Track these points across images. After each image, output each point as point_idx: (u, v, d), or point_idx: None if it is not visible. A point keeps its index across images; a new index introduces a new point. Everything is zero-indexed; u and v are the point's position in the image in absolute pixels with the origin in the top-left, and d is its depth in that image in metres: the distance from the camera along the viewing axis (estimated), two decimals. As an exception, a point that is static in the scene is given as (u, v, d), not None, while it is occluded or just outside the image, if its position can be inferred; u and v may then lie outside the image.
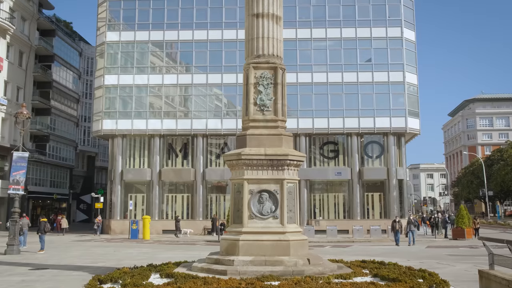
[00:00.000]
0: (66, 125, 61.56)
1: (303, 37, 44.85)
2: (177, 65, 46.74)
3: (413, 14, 46.09)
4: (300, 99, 44.10)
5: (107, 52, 45.55)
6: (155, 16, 45.76)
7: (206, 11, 45.83)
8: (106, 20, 46.04)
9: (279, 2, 16.08)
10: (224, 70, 45.04)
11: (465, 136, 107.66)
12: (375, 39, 44.67)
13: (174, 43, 46.27)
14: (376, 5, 45.05)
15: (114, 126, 44.49)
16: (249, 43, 15.76)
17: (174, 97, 45.85)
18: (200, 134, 44.64)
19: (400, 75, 44.15)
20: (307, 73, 44.48)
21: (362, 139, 44.77)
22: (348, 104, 44.11)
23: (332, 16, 45.18)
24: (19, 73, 49.42)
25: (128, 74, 45.36)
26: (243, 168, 14.11)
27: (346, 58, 44.75)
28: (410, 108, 44.22)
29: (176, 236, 39.57)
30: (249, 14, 15.90)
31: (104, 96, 45.07)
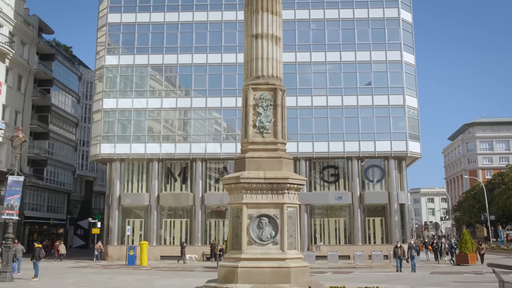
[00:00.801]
0: (64, 149, 61.17)
1: (303, 61, 44.81)
2: (176, 89, 46.59)
3: (412, 38, 46.17)
4: (300, 123, 43.80)
5: (106, 76, 45.44)
6: (154, 40, 45.78)
7: (205, 35, 45.88)
8: (106, 44, 46.05)
9: (278, 23, 15.82)
10: (224, 93, 44.85)
11: (466, 160, 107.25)
12: (375, 62, 44.62)
13: (173, 67, 46.21)
14: (375, 29, 45.13)
15: (112, 150, 44.09)
16: (248, 64, 15.44)
17: (173, 121, 45.57)
18: (199, 158, 44.22)
19: (400, 98, 43.97)
20: (306, 97, 44.29)
21: (362, 163, 44.34)
22: (348, 127, 43.81)
23: (331, 40, 45.21)
24: (17, 97, 49.24)
25: (127, 98, 45.17)
26: (242, 192, 13.63)
27: (346, 82, 44.62)
28: (410, 131, 43.91)
29: (184, 262, 38.63)
30: (248, 35, 15.62)
31: (103, 120, 44.79)
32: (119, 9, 46.26)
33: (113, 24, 46.00)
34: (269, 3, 15.63)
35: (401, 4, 45.52)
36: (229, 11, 45.89)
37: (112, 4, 46.33)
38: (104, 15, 46.45)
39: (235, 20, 45.26)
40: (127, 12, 46.07)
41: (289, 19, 43.20)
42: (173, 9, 46.15)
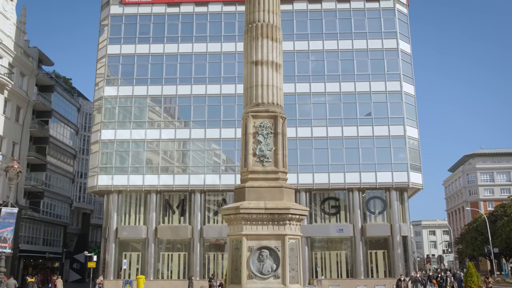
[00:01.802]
0: (62, 181, 60.49)
1: (302, 92, 44.69)
2: (175, 120, 46.31)
3: (412, 68, 46.21)
4: (300, 154, 43.37)
5: (104, 107, 45.21)
6: (154, 71, 45.76)
7: (204, 66, 45.88)
8: (105, 75, 46.00)
9: (278, 50, 15.56)
10: (223, 124, 44.55)
11: (467, 192, 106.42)
12: (375, 93, 44.50)
13: (172, 98, 46.04)
14: (374, 60, 45.18)
15: (109, 181, 43.50)
16: (248, 91, 15.12)
17: (171, 152, 45.13)
18: (198, 190, 43.61)
19: (401, 129, 43.67)
20: (306, 128, 44.00)
21: (363, 194, 43.73)
22: (349, 158, 43.36)
23: (331, 71, 45.21)
24: (15, 128, 48.90)
25: (125, 129, 44.84)
26: (242, 223, 13.10)
27: (345, 112, 44.40)
28: (412, 162, 43.45)
29: None
30: (247, 62, 15.34)
31: (101, 151, 44.34)
32: (118, 40, 46.39)
33: (112, 55, 46.05)
34: (269, 29, 15.43)
35: (399, 36, 45.70)
36: (228, 42, 46.03)
37: (112, 36, 46.49)
38: (103, 47, 46.56)
39: (234, 51, 45.34)
40: (127, 43, 46.19)
41: (288, 50, 43.27)
42: (173, 40, 46.28)
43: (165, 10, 47.05)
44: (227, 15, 46.83)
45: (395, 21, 45.95)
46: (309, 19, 46.38)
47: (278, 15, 15.92)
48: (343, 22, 46.22)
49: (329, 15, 46.39)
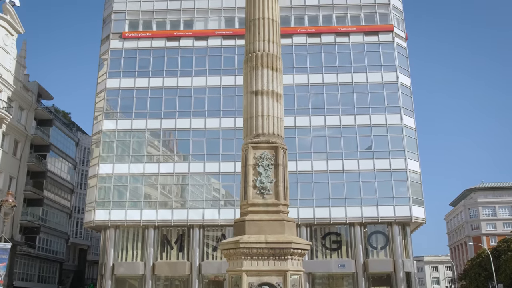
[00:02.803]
0: (59, 216, 59.62)
1: (302, 125, 44.45)
2: (174, 154, 45.90)
3: (412, 101, 46.10)
4: (300, 188, 42.79)
5: (103, 141, 44.87)
6: (153, 104, 45.63)
7: (204, 99, 45.79)
8: (103, 109, 45.83)
9: (279, 79, 15.31)
10: (222, 158, 44.14)
11: (469, 227, 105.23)
12: (375, 126, 44.25)
13: (171, 132, 45.78)
14: (374, 93, 45.12)
15: (107, 216, 42.76)
16: (248, 121, 14.79)
17: (170, 186, 44.56)
18: (197, 225, 42.86)
19: (402, 162, 43.25)
20: (306, 161, 43.57)
21: (365, 229, 42.95)
22: (350, 192, 42.77)
23: (330, 104, 45.10)
24: (12, 162, 48.45)
25: (123, 163, 44.40)
26: (242, 258, 12.54)
27: (346, 146, 44.05)
28: (414, 196, 42.85)
29: None
30: (247, 92, 15.07)
31: (98, 185, 43.77)
32: (118, 74, 46.44)
33: (111, 89, 46.02)
34: (269, 59, 15.23)
35: (399, 69, 45.79)
36: (227, 76, 46.07)
37: (112, 70, 46.58)
38: (103, 80, 46.57)
39: (234, 85, 45.33)
40: (126, 77, 46.24)
41: (288, 84, 43.14)
42: (172, 74, 46.34)
43: (164, 44, 47.27)
44: (226, 49, 47.03)
45: (394, 55, 46.11)
46: (308, 52, 46.56)
47: (278, 45, 15.75)
48: (342, 55, 46.39)
49: (329, 49, 46.58)
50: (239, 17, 47.16)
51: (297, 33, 46.87)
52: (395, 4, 48.34)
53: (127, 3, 48.57)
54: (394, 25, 47.18)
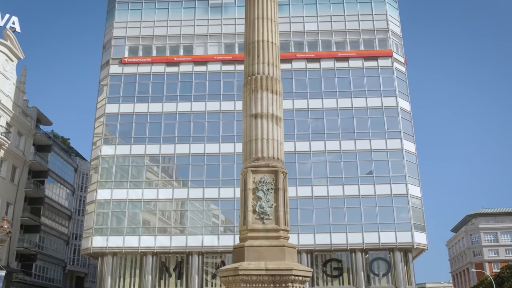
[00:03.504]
0: (56, 243, 58.85)
1: (302, 150, 44.18)
2: (173, 179, 45.51)
3: (412, 126, 45.94)
4: (301, 214, 42.30)
5: (101, 166, 44.52)
6: (152, 130, 45.46)
7: (203, 124, 45.62)
8: (102, 134, 45.63)
9: (279, 102, 15.10)
10: (221, 184, 43.76)
11: (471, 253, 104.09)
12: (375, 151, 44.01)
13: (170, 157, 45.48)
14: (374, 118, 45.01)
15: (104, 243, 42.13)
16: (247, 145, 14.52)
17: (169, 212, 44.07)
18: (196, 251, 42.22)
19: (403, 187, 42.86)
20: (307, 187, 43.18)
21: (367, 255, 42.29)
22: (351, 218, 42.26)
23: (330, 129, 44.94)
24: (10, 188, 48.02)
25: (122, 189, 43.98)
26: (241, 285, 12.14)
27: (346, 171, 43.72)
28: (415, 221, 42.32)
29: None
30: (247, 115, 14.84)
31: (96, 211, 43.27)
32: (117, 99, 46.39)
33: (110, 114, 45.90)
34: (268, 82, 15.05)
35: (398, 93, 45.78)
36: (227, 101, 46.03)
37: (111, 95, 46.54)
38: (102, 106, 46.50)
39: (233, 110, 45.24)
40: (126, 102, 46.19)
41: (288, 109, 43.08)
42: (172, 99, 46.30)
43: (164, 70, 47.36)
44: (226, 74, 47.10)
45: (393, 80, 46.16)
46: (308, 77, 46.61)
47: (278, 68, 15.59)
48: (342, 80, 46.45)
49: (328, 74, 46.65)
50: (238, 43, 47.36)
51: (296, 58, 47.01)
52: (393, 30, 48.63)
53: (127, 29, 48.84)
54: (393, 50, 47.37)
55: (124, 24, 49.01)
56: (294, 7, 48.95)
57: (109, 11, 50.91)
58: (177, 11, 49.54)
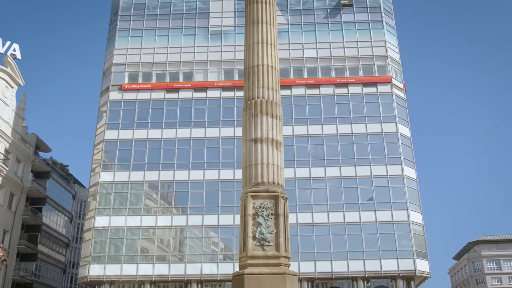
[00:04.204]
0: (53, 271, 57.96)
1: (302, 176, 43.87)
2: (172, 206, 45.09)
3: (412, 152, 45.74)
4: (301, 241, 41.73)
5: (99, 193, 44.17)
6: (151, 156, 45.26)
7: (203, 151, 45.44)
8: (101, 160, 45.39)
9: (279, 127, 14.93)
10: (221, 211, 43.35)
11: (474, 281, 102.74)
12: (376, 177, 43.73)
13: (169, 184, 45.16)
14: (374, 144, 44.87)
15: (102, 271, 41.46)
16: (247, 170, 14.30)
17: (167, 240, 43.53)
18: (195, 280, 41.54)
19: (404, 213, 42.44)
20: (307, 213, 42.77)
21: (368, 284, 41.61)
22: (352, 245, 41.70)
23: (330, 155, 44.74)
24: (7, 215, 47.52)
25: (120, 216, 43.54)
26: (240, 314, 11.71)
27: (347, 197, 43.36)
28: (417, 249, 41.75)
29: None
30: (246, 139, 14.65)
31: (94, 239, 42.71)
32: (116, 126, 46.32)
33: (110, 140, 45.76)
34: (268, 106, 14.93)
35: (398, 119, 45.74)
36: (226, 127, 45.95)
37: (110, 121, 46.47)
38: (101, 132, 46.40)
39: (233, 136, 45.13)
40: (125, 128, 46.11)
41: (287, 135, 42.96)
42: (171, 125, 46.23)
43: (164, 96, 47.43)
44: (225, 100, 47.15)
45: (393, 106, 46.18)
46: (307, 104, 46.65)
47: (277, 92, 15.48)
48: (341, 106, 46.46)
49: (328, 100, 46.70)
50: (238, 69, 47.53)
51: (296, 84, 47.13)
52: (392, 56, 48.90)
53: (127, 56, 49.11)
54: (392, 76, 47.52)
55: (124, 51, 49.31)
56: (294, 34, 49.35)
57: (110, 38, 51.31)
58: (177, 38, 49.91)
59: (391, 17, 51.42)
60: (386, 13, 50.92)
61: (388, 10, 51.51)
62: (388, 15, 51.18)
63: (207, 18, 50.87)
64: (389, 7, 51.88)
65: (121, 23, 50.82)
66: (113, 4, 53.37)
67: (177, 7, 51.43)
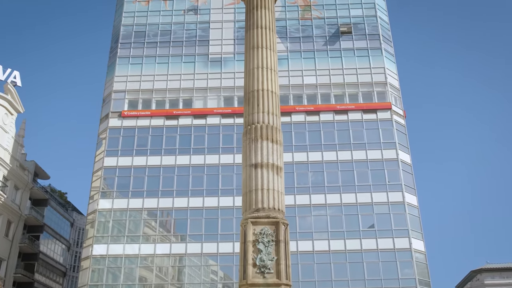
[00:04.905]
0: (49, 301, 57.02)
1: (303, 204, 43.51)
2: (170, 234, 44.58)
3: (413, 179, 45.43)
4: (302, 269, 41.12)
5: (98, 220, 43.70)
6: (150, 183, 44.95)
7: (202, 178, 45.16)
8: (100, 188, 45.06)
9: (279, 152, 14.75)
10: (220, 238, 42.83)
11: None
12: (377, 204, 43.34)
13: (168, 211, 44.75)
14: (374, 170, 44.63)
15: (99, 301, 40.73)
16: (247, 195, 14.07)
17: (166, 268, 42.87)
18: (193, 309, 40.75)
19: (406, 241, 41.91)
20: (307, 241, 42.27)
21: (371, 312, 40.81)
22: (353, 274, 41.08)
23: (331, 182, 44.45)
24: (4, 243, 46.92)
25: (118, 244, 42.98)
26: None
27: (348, 225, 42.90)
28: (420, 277, 41.10)
29: None
30: (246, 165, 14.46)
31: (91, 267, 42.06)
32: (116, 152, 46.15)
33: (108, 167, 45.52)
34: (268, 131, 14.80)
35: (398, 146, 45.60)
36: (226, 154, 45.78)
37: (110, 148, 46.31)
38: (100, 159, 46.20)
39: (233, 163, 44.92)
40: (124, 155, 45.94)
41: (287, 162, 42.64)
42: (171, 152, 46.07)
43: (163, 123, 47.40)
44: (225, 127, 47.10)
45: (393, 132, 46.10)
46: (307, 130, 46.58)
47: (278, 117, 15.37)
48: (341, 133, 46.39)
49: (327, 127, 46.66)
50: (237, 96, 47.61)
51: (295, 111, 47.15)
52: (392, 83, 49.06)
53: (127, 83, 49.27)
54: (392, 103, 47.58)
55: (124, 78, 49.52)
56: (293, 61, 49.63)
57: (110, 65, 51.58)
58: (177, 65, 50.18)
59: (390, 44, 51.82)
60: (385, 40, 51.32)
61: (387, 37, 51.92)
62: (387, 42, 51.58)
63: (207, 46, 51.25)
64: (388, 35, 52.31)
65: (121, 50, 51.17)
66: (114, 32, 53.86)
67: (177, 35, 51.86)
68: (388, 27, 53.15)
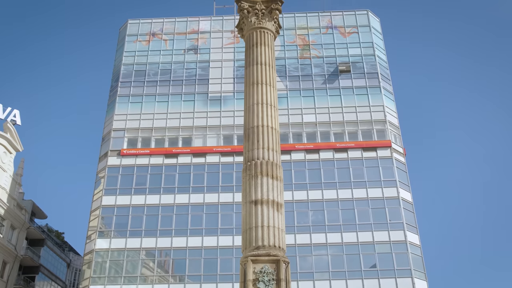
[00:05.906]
0: None
1: (303, 243, 42.83)
2: (169, 274, 43.70)
3: (414, 217, 44.89)
4: (302, 311, 40.16)
5: (95, 261, 42.88)
6: (149, 222, 44.38)
7: (201, 217, 44.63)
8: (97, 227, 44.44)
9: (279, 188, 14.50)
10: (220, 279, 41.97)
11: None
12: (378, 243, 42.66)
13: (167, 251, 44.01)
14: (375, 209, 44.14)
15: None
16: (247, 233, 13.75)
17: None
18: None
19: (409, 282, 41.02)
20: (308, 281, 41.40)
21: None
22: (356, 316, 40.04)
23: (331, 221, 43.90)
24: (-2, 285, 45.93)
25: (115, 285, 42.06)
26: None
27: (349, 265, 42.10)
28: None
29: None
30: (246, 201, 14.20)
31: (87, 309, 41.06)
32: (114, 191, 45.75)
33: (107, 206, 45.04)
34: (268, 167, 14.59)
35: (399, 184, 45.25)
36: (225, 193, 45.40)
37: (108, 187, 45.93)
38: (98, 198, 45.76)
39: (232, 202, 44.50)
40: (122, 194, 45.53)
41: (287, 200, 42.22)
42: (169, 191, 45.68)
43: (162, 161, 47.20)
44: (224, 166, 46.86)
45: (393, 170, 45.84)
46: (307, 168, 46.33)
47: (278, 153, 15.19)
48: (341, 171, 46.12)
49: (327, 165, 46.42)
50: (237, 134, 47.59)
51: (295, 149, 47.03)
52: (391, 121, 49.12)
53: (127, 121, 49.32)
54: (392, 140, 47.51)
55: (124, 117, 49.61)
56: (292, 100, 49.85)
57: (110, 104, 51.78)
58: (176, 103, 50.38)
59: (388, 83, 52.18)
60: (384, 79, 51.69)
61: (386, 76, 52.33)
62: (386, 80, 51.95)
63: (207, 84, 51.59)
64: (386, 73, 52.75)
65: (121, 89, 51.48)
66: (114, 71, 54.32)
67: (177, 74, 52.28)
68: (387, 65, 53.68)
